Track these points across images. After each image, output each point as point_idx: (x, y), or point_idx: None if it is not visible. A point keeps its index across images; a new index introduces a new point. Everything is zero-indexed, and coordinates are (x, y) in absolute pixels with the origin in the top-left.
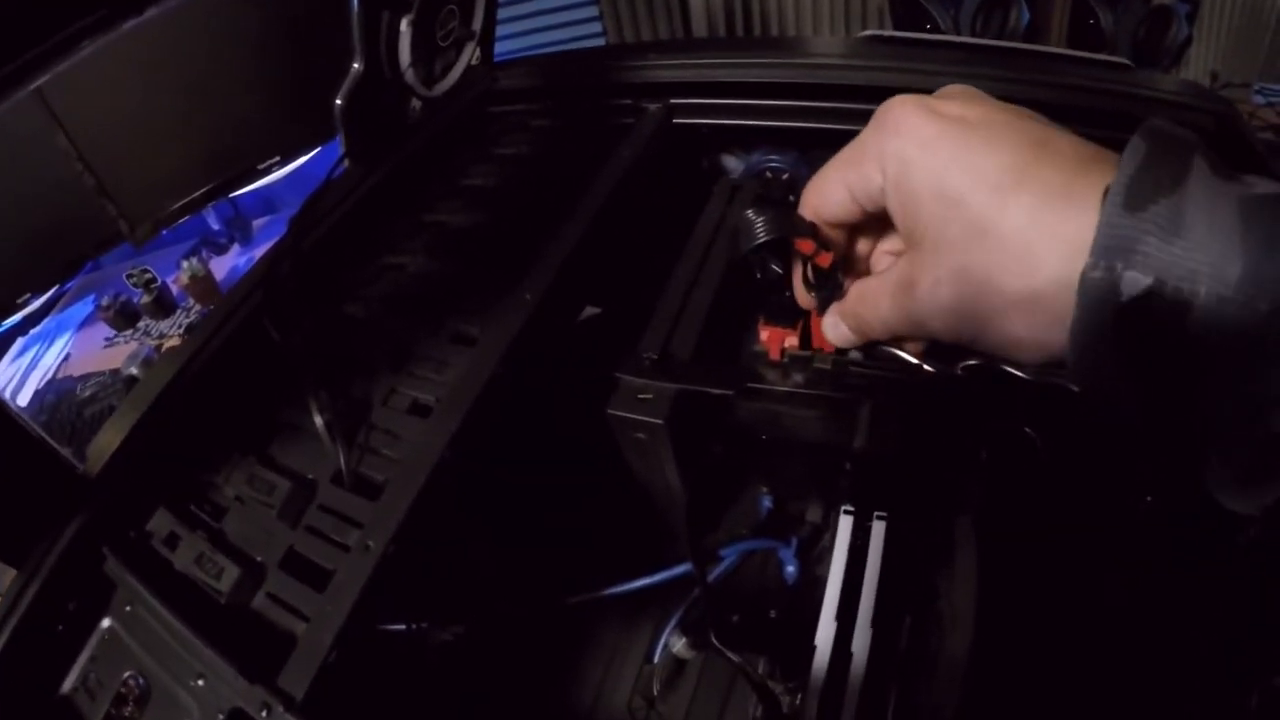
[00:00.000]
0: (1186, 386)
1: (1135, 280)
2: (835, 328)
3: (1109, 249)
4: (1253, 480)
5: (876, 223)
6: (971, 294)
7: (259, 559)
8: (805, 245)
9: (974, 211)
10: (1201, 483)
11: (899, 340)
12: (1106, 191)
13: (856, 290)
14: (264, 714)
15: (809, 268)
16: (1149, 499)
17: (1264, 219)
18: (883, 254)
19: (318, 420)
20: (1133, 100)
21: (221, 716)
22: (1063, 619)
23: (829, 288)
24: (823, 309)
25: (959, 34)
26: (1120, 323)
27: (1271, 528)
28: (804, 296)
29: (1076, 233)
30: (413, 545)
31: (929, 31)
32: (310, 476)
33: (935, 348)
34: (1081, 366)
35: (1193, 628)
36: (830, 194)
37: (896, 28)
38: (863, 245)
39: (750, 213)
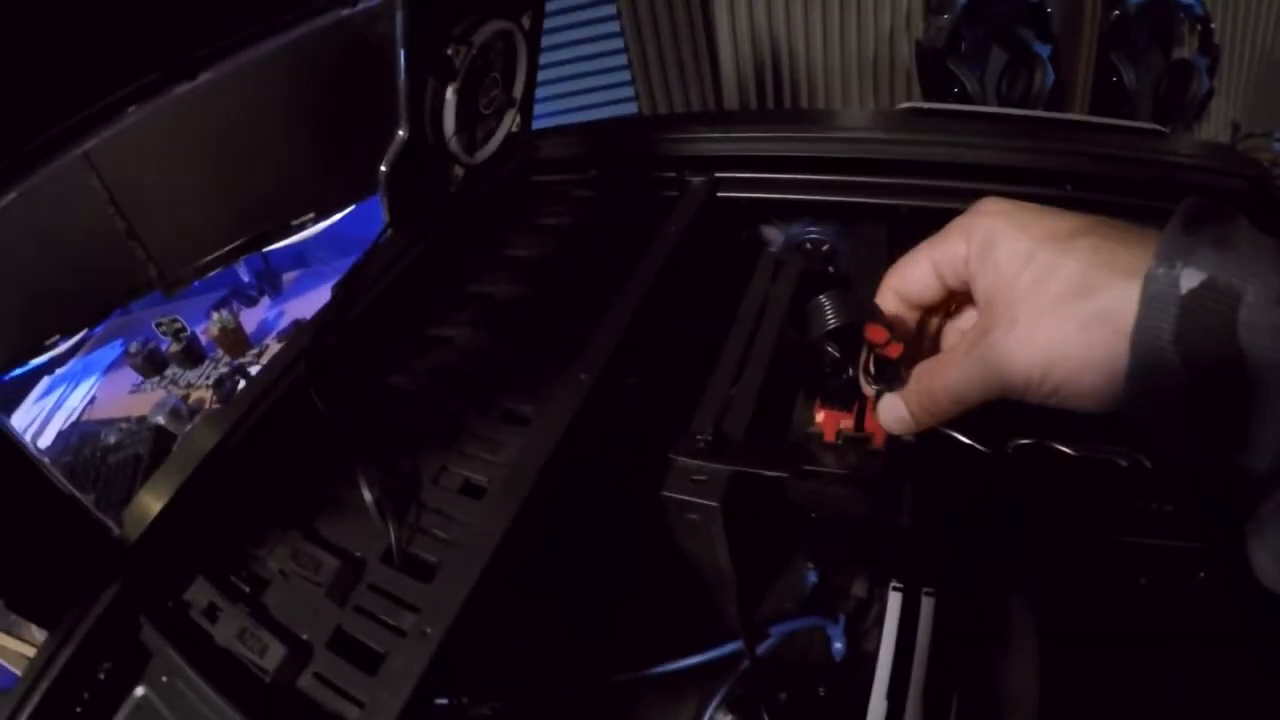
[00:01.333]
0: (1236, 397)
1: (1193, 275)
2: (893, 410)
3: (1170, 252)
4: None
5: (948, 306)
6: (1045, 325)
7: (305, 637)
8: (877, 334)
9: (1043, 258)
10: (1247, 561)
11: (959, 413)
12: (1159, 241)
13: (921, 368)
14: None
15: (873, 358)
16: (1202, 574)
17: None
18: (952, 330)
19: (366, 496)
20: (1166, 167)
21: None
22: (1125, 701)
23: (891, 380)
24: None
25: (985, 94)
26: (1183, 315)
27: None
28: (865, 386)
29: (1134, 262)
30: (467, 630)
31: (956, 93)
32: (358, 554)
33: (984, 428)
34: (1139, 378)
35: (1255, 702)
36: (915, 270)
37: (924, 91)
38: (932, 328)
39: (824, 298)
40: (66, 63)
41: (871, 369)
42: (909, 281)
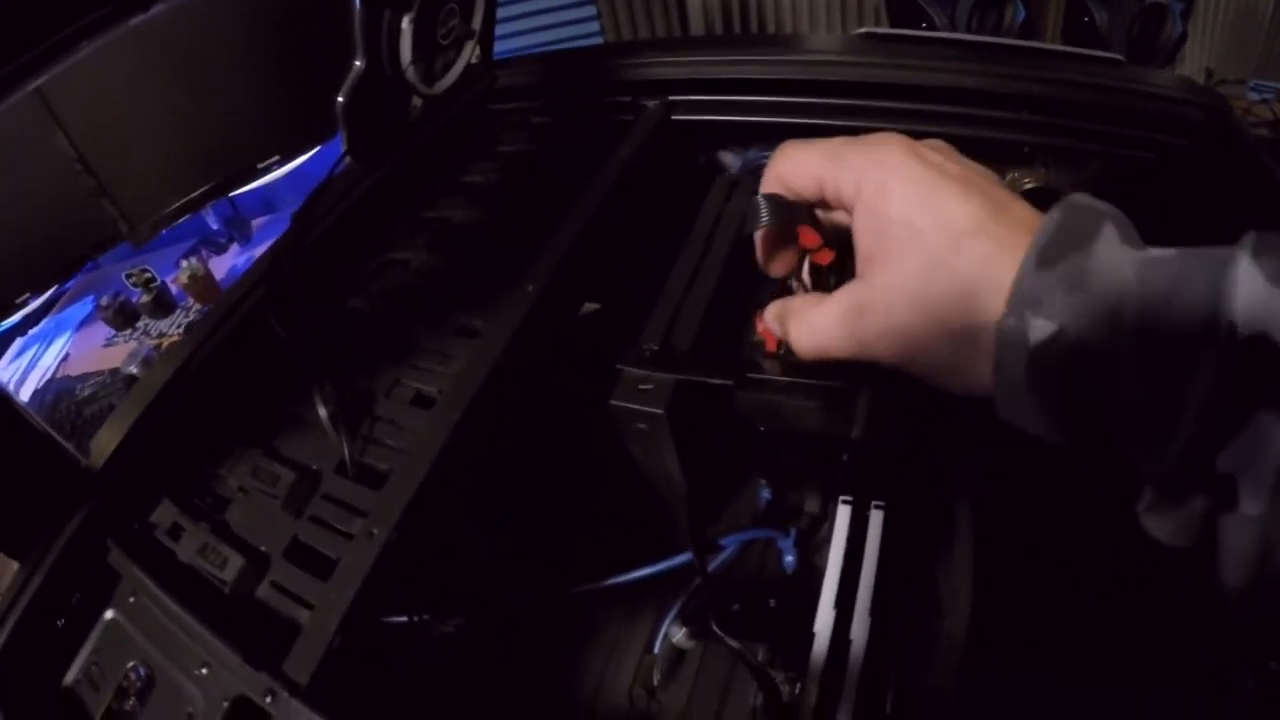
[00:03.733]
0: (1096, 425)
1: (1041, 327)
2: (774, 323)
3: (1020, 300)
4: (1167, 509)
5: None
6: (918, 320)
7: (263, 549)
8: (810, 239)
9: (934, 246)
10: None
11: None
12: (1013, 280)
13: (795, 307)
14: (268, 700)
15: (808, 264)
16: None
17: (1155, 276)
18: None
19: (321, 412)
20: (1124, 94)
21: (226, 704)
22: (1062, 603)
23: (822, 288)
24: None
25: (955, 31)
26: (1031, 364)
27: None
28: (799, 293)
29: (1010, 282)
30: (415, 536)
31: (924, 29)
32: (314, 467)
33: None
34: (1004, 404)
35: (1191, 613)
36: (804, 174)
37: (893, 25)
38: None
39: (760, 197)
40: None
41: (805, 276)
42: (795, 178)
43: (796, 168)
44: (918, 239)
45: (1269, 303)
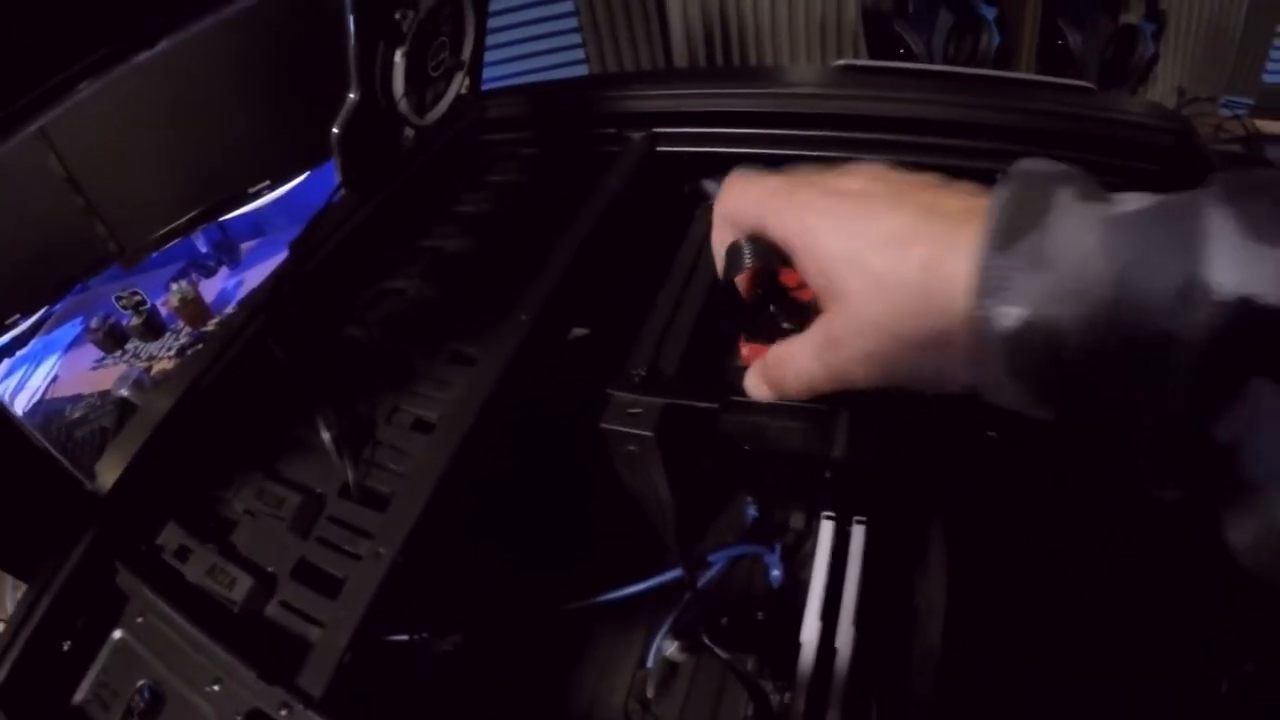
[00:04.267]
0: (1082, 403)
1: (1009, 314)
2: (756, 388)
3: (983, 289)
4: (1172, 477)
5: None
6: (884, 341)
7: (270, 569)
8: (790, 278)
9: (875, 268)
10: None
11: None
12: (977, 266)
13: (776, 354)
14: (283, 713)
15: (788, 300)
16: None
17: (1121, 244)
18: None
19: (325, 436)
20: (1093, 122)
21: (239, 718)
22: (1038, 610)
23: (809, 320)
24: None
25: (931, 57)
26: (1007, 354)
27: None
28: (783, 327)
29: (965, 275)
30: (417, 556)
31: (902, 55)
32: (318, 490)
33: None
34: (989, 394)
35: (1164, 617)
36: (746, 220)
37: (870, 52)
38: None
39: (743, 241)
40: (27, 37)
41: (785, 310)
42: (735, 218)
43: (737, 212)
44: (858, 267)
45: (1247, 263)
